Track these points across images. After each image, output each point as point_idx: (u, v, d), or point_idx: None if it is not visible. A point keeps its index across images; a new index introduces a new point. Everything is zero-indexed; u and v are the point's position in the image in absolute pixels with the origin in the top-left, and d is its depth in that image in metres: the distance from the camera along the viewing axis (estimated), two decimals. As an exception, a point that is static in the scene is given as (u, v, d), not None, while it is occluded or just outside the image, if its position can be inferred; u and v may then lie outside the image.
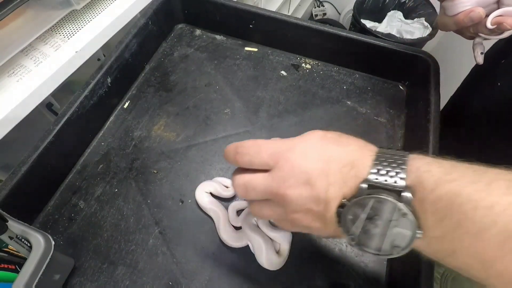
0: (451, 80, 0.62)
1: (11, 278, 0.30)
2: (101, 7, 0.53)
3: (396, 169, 0.22)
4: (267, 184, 0.25)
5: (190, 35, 0.60)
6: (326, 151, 0.24)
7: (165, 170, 0.44)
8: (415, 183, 0.21)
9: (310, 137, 0.26)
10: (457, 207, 0.19)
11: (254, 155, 0.26)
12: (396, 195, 0.21)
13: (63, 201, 0.42)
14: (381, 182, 0.22)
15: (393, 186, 0.22)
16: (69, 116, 0.41)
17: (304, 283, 0.37)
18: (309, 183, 0.24)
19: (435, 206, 0.20)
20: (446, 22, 0.38)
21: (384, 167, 0.22)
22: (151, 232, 0.40)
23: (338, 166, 0.24)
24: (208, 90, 0.53)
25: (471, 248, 0.19)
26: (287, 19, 0.53)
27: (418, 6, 1.34)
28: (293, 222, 0.26)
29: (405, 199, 0.21)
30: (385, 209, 0.22)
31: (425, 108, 0.45)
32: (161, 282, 0.36)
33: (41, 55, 0.46)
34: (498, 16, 0.34)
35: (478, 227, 0.19)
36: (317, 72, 0.56)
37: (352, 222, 0.23)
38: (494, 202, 0.18)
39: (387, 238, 0.22)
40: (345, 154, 0.24)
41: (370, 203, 0.22)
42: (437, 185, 0.20)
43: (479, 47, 0.40)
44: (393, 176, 0.22)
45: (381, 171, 0.22)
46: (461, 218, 0.19)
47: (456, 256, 0.20)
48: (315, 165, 0.24)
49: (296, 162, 0.24)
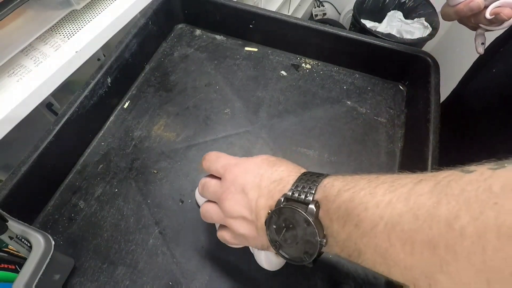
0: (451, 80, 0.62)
1: (11, 278, 0.30)
2: (101, 7, 0.53)
3: (309, 186, 0.26)
4: (216, 188, 0.31)
5: (190, 35, 0.60)
6: (261, 169, 0.29)
7: (165, 170, 0.44)
8: (321, 197, 0.25)
9: (255, 158, 0.31)
10: (352, 211, 0.22)
11: (211, 164, 0.32)
12: (306, 207, 0.25)
13: (63, 201, 0.42)
14: (295, 196, 0.26)
15: (303, 200, 0.25)
16: (69, 116, 0.41)
17: (304, 283, 0.37)
18: (244, 192, 0.29)
19: (337, 213, 0.24)
20: (448, 12, 0.40)
21: (301, 185, 0.26)
22: (151, 232, 0.40)
23: (268, 182, 0.28)
24: (208, 90, 0.53)
25: (371, 245, 0.22)
26: (287, 19, 0.53)
27: (418, 6, 1.34)
28: (232, 230, 0.30)
29: (309, 210, 0.25)
30: (297, 219, 0.25)
31: (425, 108, 0.45)
32: (161, 282, 0.36)
33: (41, 55, 0.46)
34: (497, 7, 0.36)
35: (370, 224, 0.21)
36: (317, 72, 0.56)
37: (275, 231, 0.27)
38: (379, 201, 0.21)
39: (300, 246, 0.26)
40: (275, 173, 0.29)
41: (286, 212, 0.26)
42: (337, 195, 0.24)
43: (480, 37, 0.41)
44: (305, 192, 0.26)
45: (298, 188, 0.26)
46: (357, 220, 0.22)
47: (364, 255, 0.23)
48: (251, 179, 0.29)
49: (238, 174, 0.29)
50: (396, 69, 0.53)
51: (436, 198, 0.19)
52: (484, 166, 0.19)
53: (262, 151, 0.46)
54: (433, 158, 0.40)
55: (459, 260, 0.17)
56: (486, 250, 0.16)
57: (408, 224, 0.19)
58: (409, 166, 0.44)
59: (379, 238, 0.21)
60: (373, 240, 0.21)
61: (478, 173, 0.18)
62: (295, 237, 0.26)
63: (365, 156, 0.47)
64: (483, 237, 0.16)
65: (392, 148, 0.47)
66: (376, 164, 0.46)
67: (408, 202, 0.20)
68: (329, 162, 0.46)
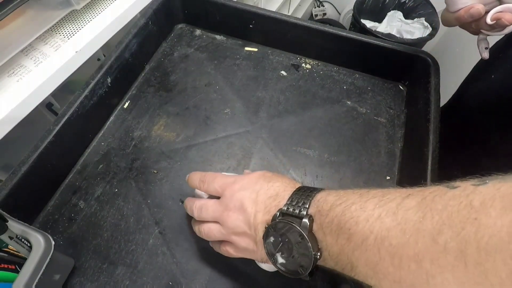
0: (451, 80, 0.62)
1: (11, 278, 0.30)
2: (101, 7, 0.53)
3: (303, 201, 0.27)
4: (216, 208, 0.32)
5: (190, 35, 0.60)
6: (257, 185, 0.30)
7: (165, 170, 0.44)
8: (315, 211, 0.26)
9: (251, 174, 0.32)
10: (344, 225, 0.23)
11: (209, 185, 0.33)
12: (300, 221, 0.26)
13: (63, 201, 0.42)
14: (290, 211, 0.26)
15: (297, 214, 0.26)
16: (69, 116, 0.41)
17: (304, 283, 0.37)
18: (242, 208, 0.30)
19: (330, 227, 0.24)
20: (448, 18, 0.39)
21: (295, 200, 0.27)
22: (151, 232, 0.40)
23: (264, 197, 0.29)
24: (208, 90, 0.53)
25: (362, 258, 0.22)
26: (287, 19, 0.53)
27: (418, 6, 1.34)
28: (235, 245, 0.31)
29: (303, 224, 0.25)
30: (292, 233, 0.26)
31: (425, 108, 0.45)
32: (161, 282, 0.36)
33: (41, 55, 0.46)
34: (498, 12, 0.35)
35: (361, 238, 0.22)
36: (317, 72, 0.56)
37: (272, 245, 0.27)
38: (369, 215, 0.22)
39: (296, 260, 0.26)
40: (271, 189, 0.30)
41: (281, 227, 0.26)
42: (330, 210, 0.25)
43: (484, 42, 0.41)
44: (299, 206, 0.26)
45: (292, 203, 0.27)
46: (349, 233, 0.23)
47: (356, 268, 0.23)
48: (249, 195, 0.30)
49: (235, 192, 0.31)
50: (396, 69, 0.53)
51: (421, 212, 0.20)
52: (468, 182, 0.19)
53: (262, 151, 0.46)
54: (433, 158, 0.40)
55: (444, 273, 0.18)
56: (468, 264, 0.17)
57: (396, 238, 0.20)
58: (409, 166, 0.44)
59: (369, 252, 0.22)
60: (364, 254, 0.22)
61: (461, 188, 0.19)
62: (291, 251, 0.26)
63: (365, 156, 0.47)
64: (464, 251, 0.17)
65: (392, 148, 0.47)
66: (376, 164, 0.46)
67: (396, 217, 0.21)
68: (329, 162, 0.46)
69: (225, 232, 0.31)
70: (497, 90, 0.45)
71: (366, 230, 0.22)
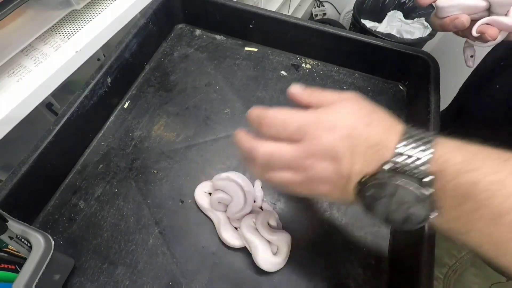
0: (451, 80, 0.62)
1: (11, 278, 0.30)
2: (101, 7, 0.53)
3: (419, 155, 0.22)
4: (294, 156, 0.25)
5: (190, 35, 0.60)
6: (355, 129, 0.24)
7: (165, 170, 0.44)
8: (437, 171, 0.22)
9: (340, 107, 0.25)
10: (474, 196, 0.21)
11: (280, 129, 0.26)
12: (416, 180, 0.22)
13: (63, 201, 0.42)
14: (402, 167, 0.22)
15: (414, 173, 0.22)
16: (69, 116, 0.41)
17: (303, 283, 0.37)
18: (335, 160, 0.24)
19: (454, 192, 0.22)
20: (434, 23, 0.39)
21: (407, 152, 0.23)
22: (151, 232, 0.40)
23: (364, 147, 0.24)
24: (208, 90, 0.53)
25: (485, 230, 0.21)
26: (287, 19, 0.53)
27: (418, 6, 1.34)
28: (312, 190, 0.26)
29: (426, 184, 0.22)
30: (404, 194, 0.22)
31: (425, 108, 0.45)
32: (161, 282, 0.36)
33: (41, 55, 0.46)
34: (484, 24, 0.34)
35: (494, 213, 0.20)
36: (317, 72, 0.56)
37: (370, 197, 0.24)
38: (510, 193, 0.20)
39: (401, 213, 0.23)
40: (372, 136, 0.24)
41: (390, 186, 0.23)
42: (458, 174, 0.21)
43: (469, 50, 0.39)
44: (417, 166, 0.22)
45: (404, 155, 0.22)
46: (478, 205, 0.21)
47: (470, 235, 0.22)
48: (343, 142, 0.24)
49: (323, 137, 0.24)
50: (396, 69, 0.53)
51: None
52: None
53: (262, 151, 0.46)
54: (433, 158, 0.40)
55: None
56: None
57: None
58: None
59: (502, 228, 0.20)
60: (492, 228, 0.21)
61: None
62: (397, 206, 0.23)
63: (365, 156, 0.46)
64: None
65: (392, 148, 0.47)
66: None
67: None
68: (329, 162, 0.46)
69: (303, 180, 0.26)
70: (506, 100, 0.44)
71: (504, 207, 0.20)
